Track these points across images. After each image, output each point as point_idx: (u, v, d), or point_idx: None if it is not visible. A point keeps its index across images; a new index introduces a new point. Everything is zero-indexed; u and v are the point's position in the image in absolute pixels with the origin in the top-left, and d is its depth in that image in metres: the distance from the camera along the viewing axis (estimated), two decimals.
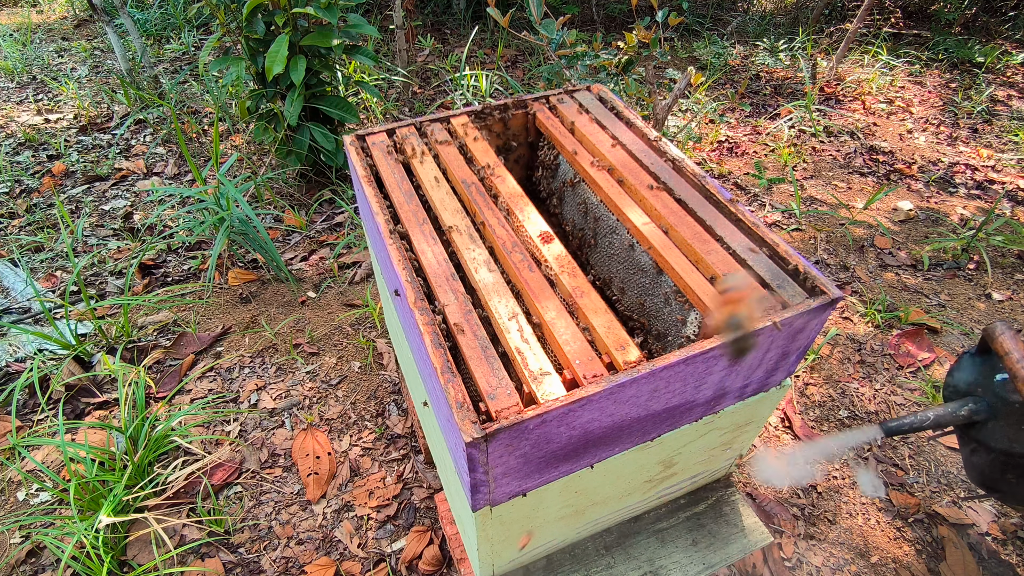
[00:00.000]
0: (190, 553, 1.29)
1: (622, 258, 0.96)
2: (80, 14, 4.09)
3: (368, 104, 2.78)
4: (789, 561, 1.28)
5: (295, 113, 2.01)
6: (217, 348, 1.75)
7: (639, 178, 0.91)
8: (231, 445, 1.49)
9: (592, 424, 0.68)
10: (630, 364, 0.66)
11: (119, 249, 2.10)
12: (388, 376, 1.67)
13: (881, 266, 2.06)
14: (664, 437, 0.82)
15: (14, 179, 2.44)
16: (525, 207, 0.88)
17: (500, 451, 0.63)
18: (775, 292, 0.75)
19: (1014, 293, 1.92)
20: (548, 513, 0.85)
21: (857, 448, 0.70)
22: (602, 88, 1.12)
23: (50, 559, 1.28)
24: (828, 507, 1.37)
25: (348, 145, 1.00)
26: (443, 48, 3.43)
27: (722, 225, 0.84)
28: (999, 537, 1.31)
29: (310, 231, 2.20)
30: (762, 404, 0.90)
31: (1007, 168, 2.58)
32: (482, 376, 0.65)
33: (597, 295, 0.75)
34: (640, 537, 1.09)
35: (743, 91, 3.16)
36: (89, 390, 1.62)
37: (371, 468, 1.45)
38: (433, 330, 0.69)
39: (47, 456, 1.44)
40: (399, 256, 0.79)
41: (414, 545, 1.29)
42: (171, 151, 2.65)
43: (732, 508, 1.13)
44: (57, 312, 1.84)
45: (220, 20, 2.04)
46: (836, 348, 1.74)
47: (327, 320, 1.83)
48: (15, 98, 3.08)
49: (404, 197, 0.90)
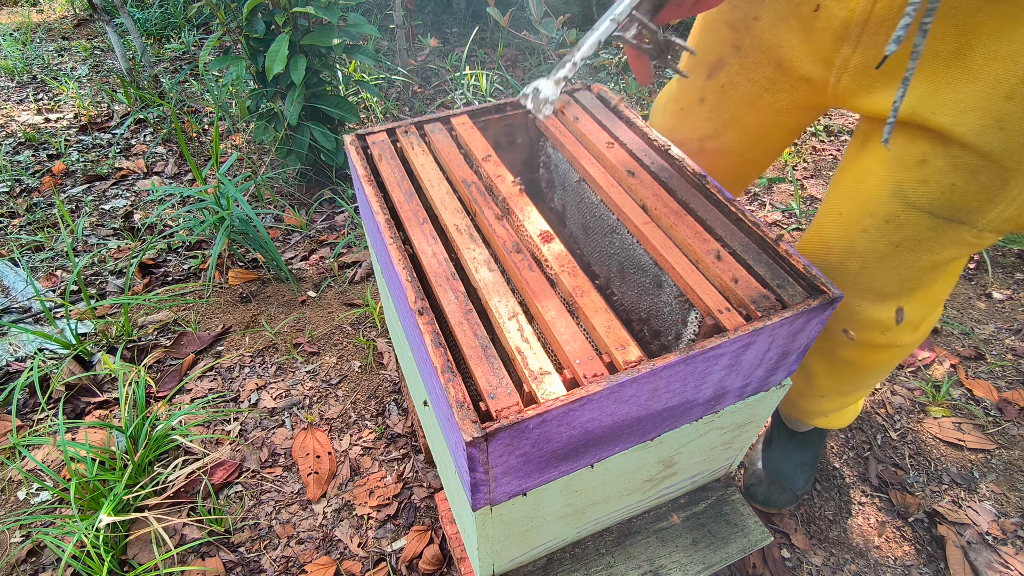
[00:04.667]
0: (190, 552, 1.29)
1: (622, 257, 0.96)
2: (80, 13, 4.09)
3: (368, 104, 2.78)
4: (789, 561, 1.28)
5: (295, 112, 2.01)
6: (217, 347, 1.75)
7: (640, 177, 0.91)
8: (231, 444, 1.49)
9: (592, 423, 0.68)
10: (630, 363, 0.66)
11: (119, 248, 2.10)
12: (388, 376, 1.67)
13: None
14: (664, 436, 0.82)
15: (14, 178, 2.44)
16: (525, 206, 0.88)
17: (500, 450, 0.63)
18: (775, 291, 0.75)
19: (1014, 292, 1.92)
20: (548, 512, 0.85)
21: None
22: (602, 88, 1.12)
23: (50, 558, 1.28)
24: (828, 507, 1.38)
25: (348, 144, 1.00)
26: (443, 48, 3.43)
27: (722, 225, 0.84)
28: (999, 536, 1.31)
29: (310, 231, 2.20)
30: (762, 403, 0.90)
31: None
32: (482, 375, 0.65)
33: (597, 294, 0.75)
34: (640, 536, 1.09)
35: None
36: (89, 389, 1.62)
37: (371, 467, 1.45)
38: (433, 330, 0.69)
39: (47, 455, 1.44)
40: (399, 256, 0.79)
41: (414, 544, 1.29)
42: (171, 150, 2.65)
43: (732, 508, 1.13)
44: (57, 311, 1.84)
45: (220, 19, 2.04)
46: None
47: (327, 319, 1.83)
48: (15, 97, 3.08)
49: (404, 196, 0.90)
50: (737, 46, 0.93)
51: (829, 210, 0.92)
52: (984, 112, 0.68)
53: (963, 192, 0.75)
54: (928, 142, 0.75)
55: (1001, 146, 0.69)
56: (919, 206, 0.79)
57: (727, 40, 0.94)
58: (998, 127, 0.68)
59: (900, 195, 0.80)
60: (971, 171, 0.73)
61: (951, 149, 0.73)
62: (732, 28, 0.92)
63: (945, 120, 0.70)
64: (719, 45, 0.96)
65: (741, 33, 0.91)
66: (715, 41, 0.96)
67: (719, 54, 0.96)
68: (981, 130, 0.69)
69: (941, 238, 0.81)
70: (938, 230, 0.80)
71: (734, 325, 0.71)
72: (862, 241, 0.86)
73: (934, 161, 0.75)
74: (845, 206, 0.88)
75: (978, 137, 0.69)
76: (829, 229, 0.91)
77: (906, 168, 0.78)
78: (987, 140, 0.69)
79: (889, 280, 0.88)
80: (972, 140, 0.70)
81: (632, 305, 0.98)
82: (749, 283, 0.75)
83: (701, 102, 1.03)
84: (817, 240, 0.94)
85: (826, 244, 0.92)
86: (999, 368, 1.67)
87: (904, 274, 0.87)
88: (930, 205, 0.78)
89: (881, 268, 0.87)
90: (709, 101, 1.01)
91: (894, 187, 0.80)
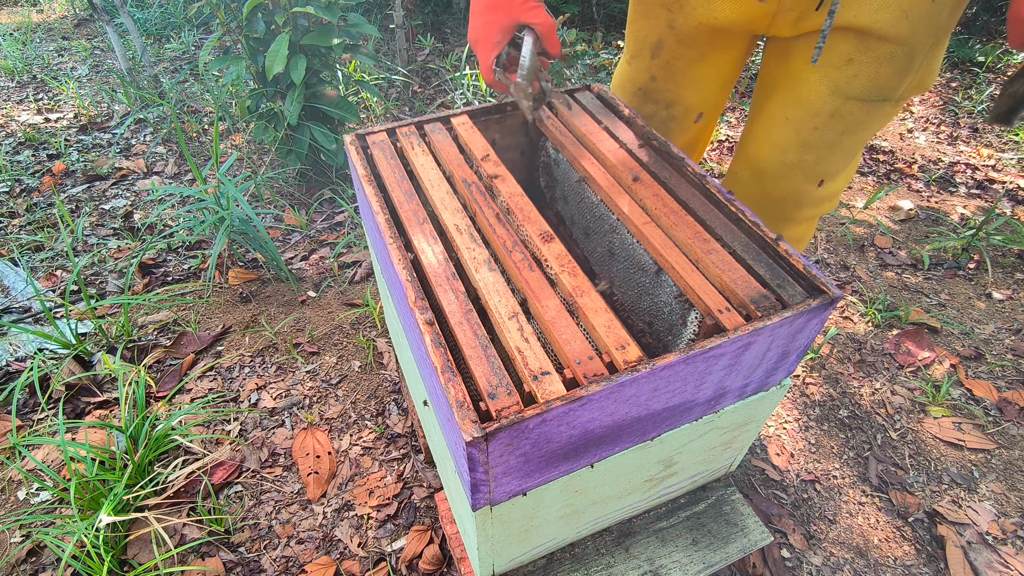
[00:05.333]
0: (190, 552, 1.29)
1: (622, 257, 0.96)
2: (80, 13, 4.09)
3: (368, 103, 2.78)
4: (789, 561, 1.28)
5: (295, 112, 2.01)
6: (217, 347, 1.75)
7: (640, 177, 0.91)
8: (231, 444, 1.49)
9: (592, 423, 0.68)
10: (630, 363, 0.66)
11: (119, 248, 2.10)
12: (388, 375, 1.67)
13: (881, 265, 2.06)
14: (664, 436, 0.82)
15: (14, 178, 2.44)
16: (525, 206, 0.88)
17: (500, 450, 0.63)
18: (775, 291, 0.75)
19: (1014, 292, 1.92)
20: (548, 512, 0.85)
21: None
22: (602, 87, 1.12)
23: (50, 558, 1.28)
24: (828, 507, 1.38)
25: (348, 144, 1.00)
26: (443, 47, 3.43)
27: (722, 225, 0.84)
28: (999, 536, 1.31)
29: (310, 230, 2.20)
30: (762, 403, 0.90)
31: (1007, 167, 2.58)
32: (482, 375, 0.65)
33: (597, 294, 0.75)
34: (640, 536, 1.09)
35: (743, 90, 3.16)
36: (89, 389, 1.62)
37: (371, 467, 1.45)
38: (433, 329, 0.69)
39: (47, 455, 1.44)
40: (399, 256, 0.79)
41: (414, 544, 1.29)
42: (171, 150, 2.65)
43: (732, 508, 1.13)
44: (57, 311, 1.84)
45: (220, 19, 2.04)
46: (836, 347, 1.74)
47: (327, 319, 1.83)
48: (15, 97, 3.08)
49: (404, 196, 0.90)
50: (672, 25, 1.04)
51: (774, 119, 1.06)
52: (893, 6, 0.85)
53: (886, 75, 0.92)
54: (851, 43, 0.91)
55: (909, 31, 0.87)
56: (854, 96, 0.96)
57: (663, 20, 1.05)
58: (905, 16, 0.85)
59: (837, 91, 0.96)
60: (889, 57, 0.90)
61: (871, 43, 0.90)
62: (667, 9, 1.02)
63: (865, 19, 0.87)
64: (656, 26, 1.06)
65: (675, 13, 1.02)
66: (652, 24, 1.07)
67: (658, 35, 1.07)
68: (894, 21, 0.86)
69: (874, 117, 0.99)
70: (871, 111, 0.98)
71: (734, 325, 0.71)
72: (815, 136, 1.02)
73: (859, 56, 0.91)
74: (791, 112, 1.03)
75: (892, 28, 0.86)
76: (780, 133, 1.06)
77: (837, 68, 0.94)
78: (898, 30, 0.86)
79: (837, 160, 1.06)
80: (887, 31, 0.87)
81: (632, 305, 0.98)
82: (749, 283, 0.75)
83: (653, 80, 1.14)
84: (768, 145, 1.08)
85: (779, 146, 1.07)
86: (999, 368, 1.67)
87: (848, 153, 1.06)
88: (862, 93, 0.95)
89: (831, 153, 1.05)
90: (660, 77, 1.13)
91: (831, 86, 0.96)
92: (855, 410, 1.57)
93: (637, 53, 1.12)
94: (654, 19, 1.05)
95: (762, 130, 1.09)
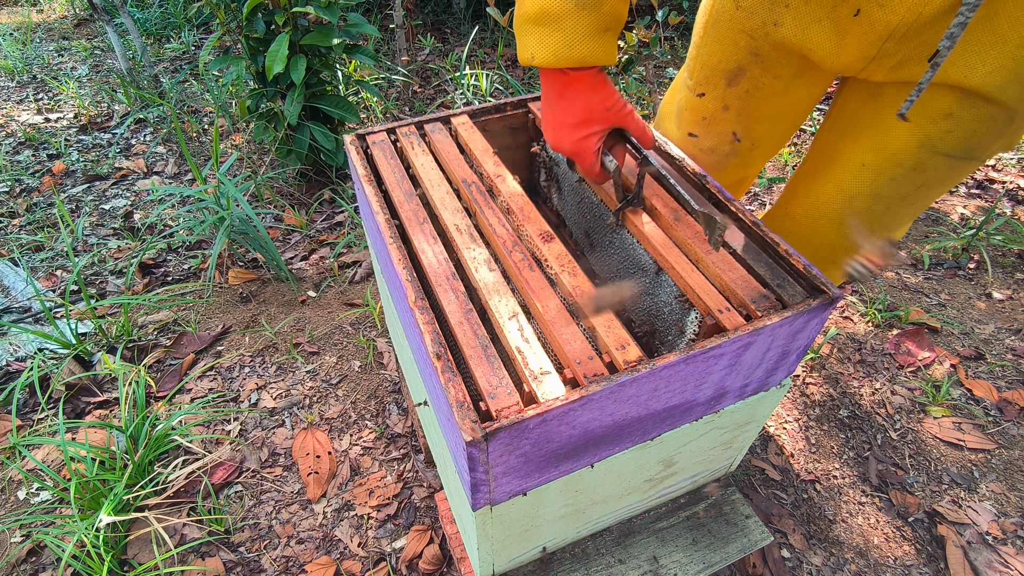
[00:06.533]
0: (190, 552, 1.29)
1: (622, 257, 0.96)
2: (80, 13, 4.09)
3: (368, 103, 2.78)
4: (789, 561, 1.28)
5: (295, 112, 2.01)
6: (217, 347, 1.75)
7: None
8: (231, 444, 1.49)
9: (592, 423, 0.68)
10: (630, 363, 0.66)
11: (119, 248, 2.10)
12: (388, 375, 1.67)
13: None
14: (664, 436, 0.82)
15: (14, 178, 2.44)
16: (525, 206, 0.88)
17: (500, 450, 0.63)
18: (775, 291, 0.75)
19: (1014, 292, 1.92)
20: (548, 512, 0.85)
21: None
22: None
23: (51, 558, 1.28)
24: (828, 507, 1.38)
25: (348, 144, 1.00)
26: (443, 47, 3.43)
27: None
28: (999, 536, 1.31)
29: (310, 230, 2.20)
30: (762, 403, 0.90)
31: (1007, 167, 2.58)
32: (482, 375, 0.65)
33: None
34: (640, 536, 1.09)
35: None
36: (89, 389, 1.62)
37: (371, 467, 1.45)
38: (433, 329, 0.69)
39: (47, 455, 1.44)
40: (399, 255, 0.79)
41: (414, 544, 1.29)
42: (171, 150, 2.65)
43: (732, 508, 1.13)
44: (57, 311, 1.84)
45: (220, 19, 2.04)
46: (836, 347, 1.74)
47: (327, 319, 1.83)
48: (15, 97, 3.08)
49: (404, 196, 0.90)
50: (756, 52, 0.96)
51: (849, 163, 1.00)
52: (1008, 70, 0.78)
53: (981, 134, 0.87)
54: (954, 98, 0.84)
55: (1018, 95, 0.81)
56: (943, 152, 0.90)
57: (744, 48, 0.96)
58: (1018, 81, 0.79)
59: (928, 145, 0.90)
60: (990, 118, 0.85)
61: (975, 101, 0.83)
62: (749, 35, 0.94)
63: (975, 81, 0.80)
64: (736, 53, 0.98)
65: (759, 40, 0.93)
66: (731, 50, 0.99)
67: (737, 62, 0.99)
68: (1005, 85, 0.80)
69: (955, 173, 0.94)
70: (955, 168, 0.93)
71: (734, 325, 0.71)
72: (890, 187, 0.97)
73: (960, 114, 0.85)
74: (869, 158, 0.96)
75: (1001, 91, 0.80)
76: (852, 178, 1.00)
77: (933, 122, 0.87)
78: (1008, 93, 0.81)
79: (906, 214, 1.02)
80: (996, 94, 0.81)
81: (632, 305, 0.98)
82: (749, 283, 0.75)
83: (726, 109, 1.06)
84: (835, 188, 1.02)
85: (848, 192, 1.01)
86: (999, 368, 1.67)
87: (918, 208, 1.01)
88: (952, 150, 0.89)
89: (902, 206, 1.00)
90: (735, 107, 1.05)
91: (922, 139, 0.89)
92: (855, 410, 1.57)
93: (706, 80, 1.05)
94: (730, 44, 0.98)
95: (830, 171, 1.02)
